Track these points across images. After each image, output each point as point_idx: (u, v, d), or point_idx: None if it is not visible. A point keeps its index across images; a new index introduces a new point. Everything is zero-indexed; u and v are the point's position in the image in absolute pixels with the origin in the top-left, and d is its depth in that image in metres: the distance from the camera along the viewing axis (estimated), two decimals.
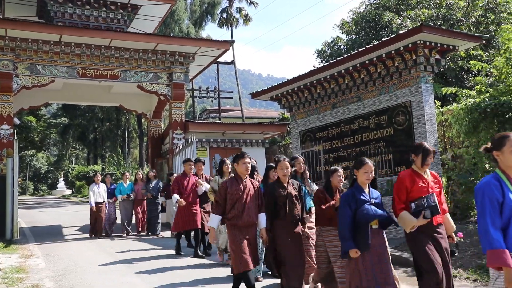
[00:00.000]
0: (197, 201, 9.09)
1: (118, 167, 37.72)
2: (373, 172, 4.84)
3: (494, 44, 16.09)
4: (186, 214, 8.92)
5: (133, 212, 13.47)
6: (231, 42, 16.18)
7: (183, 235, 9.50)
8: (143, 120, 34.48)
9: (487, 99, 9.01)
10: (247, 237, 5.30)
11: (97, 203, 12.63)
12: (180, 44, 15.50)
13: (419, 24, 9.73)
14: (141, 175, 13.77)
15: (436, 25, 15.67)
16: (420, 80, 9.69)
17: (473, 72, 15.95)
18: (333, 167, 5.72)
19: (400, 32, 10.03)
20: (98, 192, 12.74)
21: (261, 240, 5.60)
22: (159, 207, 13.17)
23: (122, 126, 44.32)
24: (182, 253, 9.27)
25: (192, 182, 9.08)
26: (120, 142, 46.00)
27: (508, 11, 17.24)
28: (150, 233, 13.03)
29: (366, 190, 4.78)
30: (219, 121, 24.83)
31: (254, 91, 14.47)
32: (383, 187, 10.24)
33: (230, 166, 7.80)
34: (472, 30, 16.87)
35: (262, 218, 5.43)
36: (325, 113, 12.19)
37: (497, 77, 9.89)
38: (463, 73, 16.95)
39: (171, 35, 36.41)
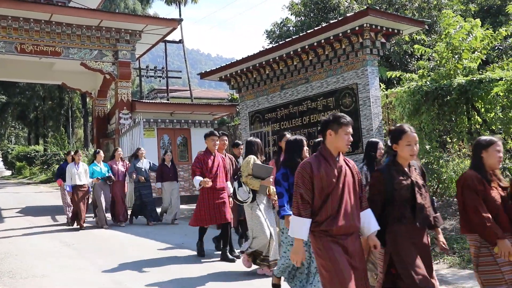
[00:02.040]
0: (224, 187, 6.97)
1: (61, 148, 36.41)
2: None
3: (436, 29, 16.68)
4: (212, 203, 6.77)
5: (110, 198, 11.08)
6: (179, 21, 15.84)
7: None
8: (87, 99, 33.31)
9: (428, 83, 9.36)
10: (349, 250, 3.29)
11: (77, 186, 10.30)
12: (126, 21, 15.01)
13: (365, 7, 9.90)
14: (120, 152, 11.54)
15: (382, 9, 16.02)
16: (366, 63, 9.91)
17: (416, 56, 16.51)
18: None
19: (347, 15, 10.18)
20: (77, 173, 10.38)
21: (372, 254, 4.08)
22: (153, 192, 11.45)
23: (66, 105, 42.63)
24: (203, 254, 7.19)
25: (218, 162, 6.97)
26: (63, 121, 44.29)
27: None
28: (154, 221, 10.91)
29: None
30: (167, 101, 24.41)
31: (203, 71, 14.29)
32: None
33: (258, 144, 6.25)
34: (415, 15, 17.40)
35: (369, 217, 3.44)
36: (274, 94, 12.25)
37: (438, 62, 10.28)
38: (407, 57, 17.50)
39: (116, 11, 35.17)
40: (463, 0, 18.15)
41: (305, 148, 4.92)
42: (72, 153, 11.25)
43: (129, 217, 11.13)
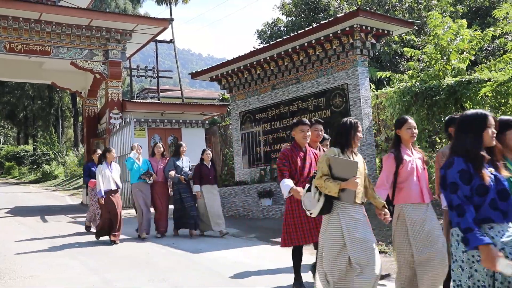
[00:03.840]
0: None
1: (51, 147, 36.16)
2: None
3: (426, 30, 16.81)
4: (305, 216, 4.82)
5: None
6: (170, 20, 15.80)
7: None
8: (77, 99, 33.11)
9: (418, 83, 9.44)
10: None
11: (109, 192, 8.25)
12: (116, 20, 14.93)
13: (355, 8, 9.96)
14: (162, 148, 9.31)
15: (372, 10, 16.11)
16: (357, 64, 9.97)
17: (406, 57, 16.62)
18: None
19: (338, 15, 10.24)
20: (110, 176, 8.30)
21: None
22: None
23: (55, 104, 42.32)
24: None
25: (311, 160, 5.08)
26: (53, 121, 43.94)
27: None
28: (196, 230, 8.85)
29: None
30: (158, 101, 24.33)
31: (194, 71, 14.28)
32: None
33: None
34: (405, 16, 17.52)
35: None
36: (265, 94, 12.27)
37: (427, 63, 10.37)
38: (396, 57, 17.63)
39: (107, 10, 35.02)
40: (452, 1, 18.31)
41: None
42: (99, 151, 9.47)
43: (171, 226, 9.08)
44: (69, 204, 17.43)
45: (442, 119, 9.21)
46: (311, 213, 4.05)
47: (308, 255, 6.29)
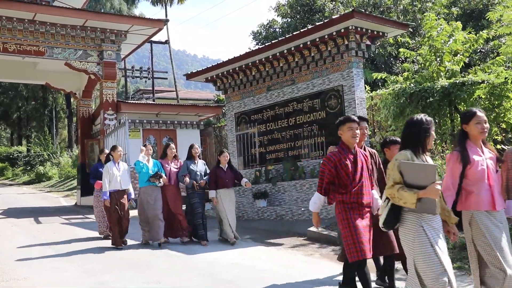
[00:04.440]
0: (371, 201, 4.45)
1: (45, 148, 35.98)
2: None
3: (420, 32, 16.88)
4: (364, 226, 4.25)
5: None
6: (165, 21, 15.79)
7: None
8: (72, 100, 32.98)
9: (412, 85, 9.48)
10: None
11: (116, 193, 7.89)
12: (111, 21, 14.90)
13: (351, 9, 9.99)
14: (174, 149, 8.64)
15: (367, 11, 16.16)
16: (352, 65, 9.99)
17: (401, 59, 16.68)
18: None
19: (333, 17, 10.25)
20: (119, 175, 7.94)
21: None
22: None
23: (49, 105, 42.12)
24: None
25: (362, 163, 4.38)
26: (47, 122, 43.74)
27: (433, 0, 18.13)
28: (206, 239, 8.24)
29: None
30: (153, 102, 24.28)
31: (189, 72, 14.26)
32: (316, 168, 10.52)
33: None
34: (400, 17, 17.59)
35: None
36: (260, 95, 12.27)
37: (422, 64, 10.42)
38: (391, 59, 17.69)
39: (102, 11, 34.92)
40: (447, 3, 18.40)
41: None
42: (107, 150, 8.89)
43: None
44: (63, 205, 17.35)
45: (436, 121, 9.25)
46: (382, 227, 3.63)
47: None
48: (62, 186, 26.57)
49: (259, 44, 20.94)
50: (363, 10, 14.65)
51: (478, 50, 15.32)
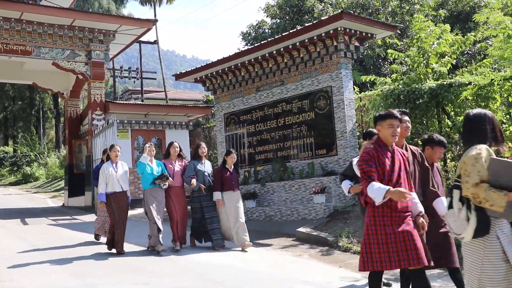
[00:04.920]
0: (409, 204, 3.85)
1: (32, 149, 35.61)
2: None
3: (408, 34, 17.00)
4: (393, 234, 3.70)
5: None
6: (154, 21, 15.72)
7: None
8: (59, 100, 32.68)
9: (400, 86, 9.54)
10: None
11: (113, 194, 7.41)
12: (100, 20, 14.78)
13: (340, 11, 10.03)
14: (178, 148, 8.07)
15: (356, 13, 16.24)
16: (341, 66, 10.04)
17: (389, 60, 16.78)
18: None
19: (322, 18, 10.30)
20: (116, 176, 7.46)
21: None
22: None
23: (36, 105, 41.69)
24: None
25: (400, 162, 3.92)
26: (34, 122, 43.29)
27: (421, 2, 18.28)
28: (214, 246, 7.70)
29: None
30: (142, 102, 24.16)
31: (178, 73, 14.23)
32: (304, 169, 10.55)
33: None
34: (388, 19, 17.71)
35: None
36: (249, 96, 12.27)
37: (410, 66, 10.49)
38: (380, 60, 17.79)
39: (90, 10, 34.70)
40: (434, 6, 18.56)
41: None
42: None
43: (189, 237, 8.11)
44: (50, 206, 17.19)
45: (424, 122, 9.33)
46: (462, 238, 3.14)
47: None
48: (49, 187, 26.33)
49: (249, 44, 20.93)
50: (352, 12, 14.73)
51: (466, 52, 15.47)
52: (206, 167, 7.92)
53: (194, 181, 7.58)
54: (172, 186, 7.67)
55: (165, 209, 7.76)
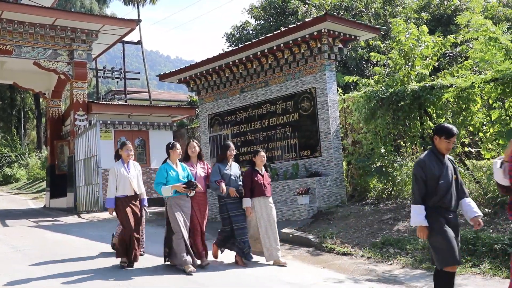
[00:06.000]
0: None
1: (13, 149, 35.07)
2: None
3: (391, 36, 17.18)
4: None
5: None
6: (137, 21, 15.61)
7: None
8: (41, 100, 32.25)
9: (383, 88, 9.62)
10: None
11: (125, 199, 6.52)
12: (82, 20, 14.62)
13: (323, 13, 10.09)
14: (197, 147, 6.86)
15: (339, 15, 16.35)
16: (324, 68, 10.10)
17: (372, 62, 16.93)
18: None
19: (306, 20, 10.35)
20: (129, 177, 6.56)
21: None
22: None
23: (17, 105, 41.10)
24: None
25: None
26: (15, 122, 42.65)
27: (404, 5, 18.49)
28: (248, 258, 6.64)
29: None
30: (125, 103, 23.97)
31: (162, 73, 14.15)
32: (289, 170, 10.57)
33: None
34: (372, 21, 17.87)
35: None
36: (234, 97, 12.26)
37: (392, 68, 10.60)
38: (363, 62, 17.93)
39: (72, 10, 34.32)
40: (417, 8, 18.78)
41: None
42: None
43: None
44: (31, 208, 16.95)
45: (407, 124, 9.43)
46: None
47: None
48: (30, 188, 25.95)
49: (233, 45, 20.92)
50: (336, 14, 14.83)
51: (447, 54, 15.70)
52: (233, 170, 6.79)
53: (223, 185, 6.43)
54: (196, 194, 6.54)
55: None
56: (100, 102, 19.10)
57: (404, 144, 9.79)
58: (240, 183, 6.75)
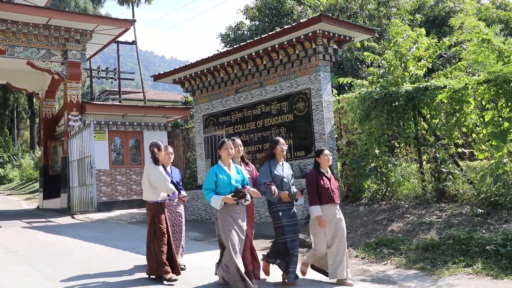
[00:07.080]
0: None
1: (5, 150, 34.87)
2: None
3: (385, 37, 17.24)
4: None
5: None
6: (132, 21, 15.59)
7: None
8: (34, 100, 32.10)
9: (378, 89, 9.65)
10: None
11: (166, 203, 6.11)
12: (76, 20, 14.58)
13: (318, 13, 10.11)
14: (240, 146, 5.82)
15: (334, 16, 16.39)
16: (319, 69, 10.11)
17: (367, 63, 16.98)
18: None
19: (301, 20, 10.36)
20: (170, 180, 6.06)
21: None
22: None
23: (10, 105, 40.90)
24: None
25: None
26: (8, 123, 42.43)
27: (398, 6, 18.56)
28: (288, 279, 5.59)
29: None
30: (120, 103, 23.90)
31: (157, 73, 14.12)
32: None
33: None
34: (366, 22, 17.92)
35: None
36: (228, 97, 12.26)
37: (387, 69, 10.63)
38: (358, 63, 17.98)
39: (66, 9, 34.19)
40: (411, 10, 18.87)
41: None
42: (156, 150, 5.96)
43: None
44: (24, 208, 16.85)
45: (401, 124, 9.46)
46: None
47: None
48: (23, 188, 25.81)
49: (228, 46, 20.91)
50: (331, 15, 14.86)
51: (441, 56, 15.77)
52: (285, 170, 5.76)
53: (274, 188, 5.42)
54: None
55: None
56: (94, 102, 19.04)
57: (398, 145, 9.81)
58: (293, 186, 5.80)
